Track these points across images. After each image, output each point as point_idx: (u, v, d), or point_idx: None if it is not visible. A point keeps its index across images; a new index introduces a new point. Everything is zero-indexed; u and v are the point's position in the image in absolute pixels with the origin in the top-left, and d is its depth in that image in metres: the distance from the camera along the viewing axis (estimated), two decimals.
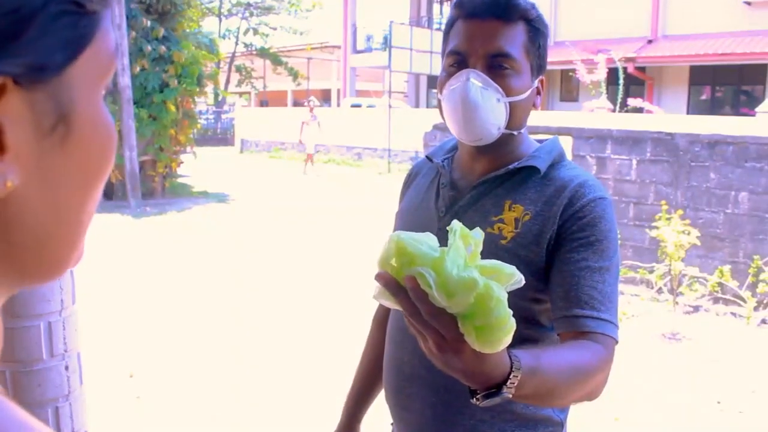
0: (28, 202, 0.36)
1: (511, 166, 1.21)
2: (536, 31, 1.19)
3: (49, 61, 0.34)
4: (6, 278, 0.38)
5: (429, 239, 0.83)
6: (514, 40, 1.16)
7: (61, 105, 0.36)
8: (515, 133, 1.23)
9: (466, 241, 0.81)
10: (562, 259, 1.14)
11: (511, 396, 0.87)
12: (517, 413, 1.20)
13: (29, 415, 0.37)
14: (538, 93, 1.24)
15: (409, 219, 1.33)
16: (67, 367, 1.78)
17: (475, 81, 1.15)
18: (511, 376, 0.86)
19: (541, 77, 1.24)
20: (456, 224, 0.82)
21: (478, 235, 0.83)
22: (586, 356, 1.04)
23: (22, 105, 0.34)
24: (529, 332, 1.21)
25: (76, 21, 0.35)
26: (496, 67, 1.16)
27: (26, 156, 0.35)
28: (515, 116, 1.19)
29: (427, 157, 1.37)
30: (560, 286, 1.13)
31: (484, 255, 1.21)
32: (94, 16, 0.37)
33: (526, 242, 1.16)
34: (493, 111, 1.16)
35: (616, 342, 1.10)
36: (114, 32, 0.40)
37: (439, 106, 1.24)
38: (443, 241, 1.32)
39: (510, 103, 1.17)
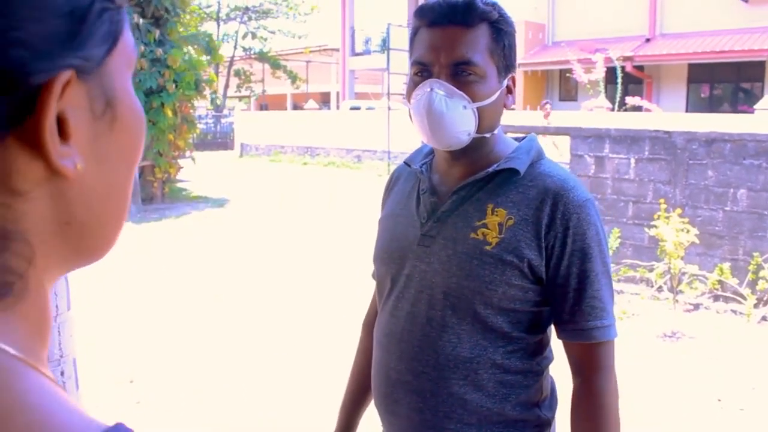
0: (86, 181, 0.40)
1: (490, 169, 1.20)
2: (499, 31, 1.18)
3: (97, 52, 0.39)
4: (60, 259, 0.41)
5: None
6: (476, 45, 1.16)
7: (107, 91, 0.40)
8: (488, 135, 1.22)
9: None
10: (560, 273, 1.16)
11: None
12: (505, 415, 1.20)
13: (80, 406, 0.40)
14: (510, 92, 1.24)
15: (391, 226, 1.33)
16: (62, 373, 1.79)
17: (438, 91, 1.15)
18: None
19: (511, 75, 1.23)
20: None
21: None
22: (590, 427, 1.18)
23: (79, 94, 0.38)
24: (517, 335, 1.21)
25: (112, 16, 0.40)
26: (460, 74, 1.16)
27: (84, 139, 0.39)
28: (485, 120, 1.19)
29: (405, 162, 1.37)
30: (563, 300, 1.17)
31: (470, 260, 1.21)
32: (121, 9, 0.41)
33: (511, 248, 1.16)
34: (460, 118, 1.16)
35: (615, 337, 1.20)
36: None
37: (409, 115, 1.24)
38: (425, 246, 1.32)
39: (478, 108, 1.17)
